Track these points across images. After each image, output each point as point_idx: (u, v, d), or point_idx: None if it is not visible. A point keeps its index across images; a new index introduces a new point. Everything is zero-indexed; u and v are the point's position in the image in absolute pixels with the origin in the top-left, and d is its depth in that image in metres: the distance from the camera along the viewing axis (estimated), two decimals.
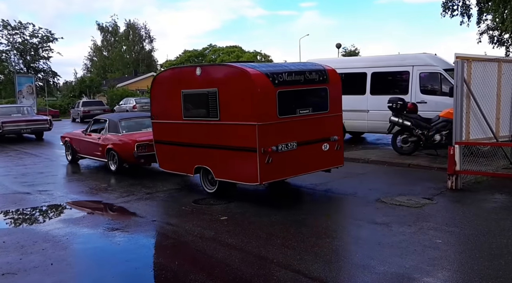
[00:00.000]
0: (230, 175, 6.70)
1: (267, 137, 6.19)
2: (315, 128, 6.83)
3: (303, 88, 6.70)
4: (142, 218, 6.10)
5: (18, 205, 7.19)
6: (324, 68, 7.20)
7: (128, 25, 55.72)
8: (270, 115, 6.25)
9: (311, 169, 6.97)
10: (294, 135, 6.50)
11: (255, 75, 6.19)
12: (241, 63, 6.85)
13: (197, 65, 7.36)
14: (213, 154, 6.80)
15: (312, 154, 6.78)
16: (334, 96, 7.11)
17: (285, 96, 6.37)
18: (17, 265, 4.44)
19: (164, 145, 7.82)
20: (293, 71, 6.62)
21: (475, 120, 7.41)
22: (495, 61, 7.92)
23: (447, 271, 4.00)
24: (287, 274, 4.04)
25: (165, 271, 4.25)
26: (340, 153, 7.23)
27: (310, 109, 6.77)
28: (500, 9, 14.25)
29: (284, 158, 6.38)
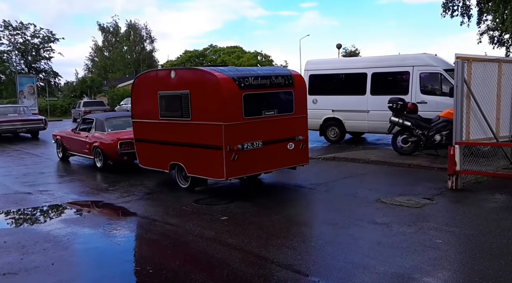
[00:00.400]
0: (201, 171, 7.17)
1: (233, 136, 6.67)
2: (281, 128, 7.31)
3: (269, 92, 7.23)
4: (142, 218, 6.12)
5: (19, 205, 7.20)
6: (291, 73, 7.79)
7: (129, 26, 55.79)
8: (236, 116, 6.73)
9: (277, 166, 7.50)
10: (259, 135, 6.99)
11: (222, 79, 6.68)
12: (210, 68, 7.35)
13: (171, 69, 7.98)
14: (186, 151, 7.29)
15: (278, 152, 7.26)
16: (299, 99, 7.64)
17: (250, 98, 6.89)
18: (18, 265, 4.45)
19: (143, 143, 8.31)
20: (260, 75, 7.14)
21: (475, 120, 7.42)
22: (495, 61, 7.93)
23: (447, 271, 4.01)
24: (287, 274, 4.04)
25: (166, 271, 4.26)
26: (305, 151, 7.71)
27: (275, 111, 7.28)
28: (500, 10, 14.24)
29: (250, 155, 6.87)
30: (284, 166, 7.58)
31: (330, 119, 12.52)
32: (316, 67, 12.86)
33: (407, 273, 3.95)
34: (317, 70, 12.79)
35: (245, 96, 6.81)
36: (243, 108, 6.79)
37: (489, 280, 3.78)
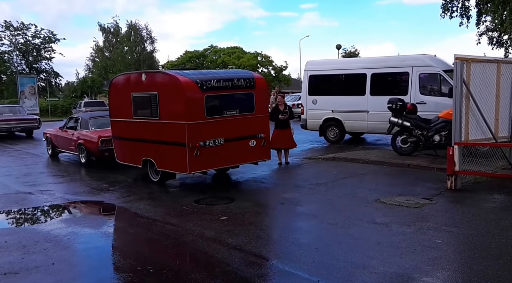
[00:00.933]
0: (168, 166, 7.85)
1: (195, 134, 7.30)
2: (242, 127, 7.92)
3: (230, 93, 7.85)
4: (143, 218, 6.13)
5: (20, 204, 7.22)
6: (253, 76, 8.44)
7: (130, 26, 55.72)
8: (198, 116, 7.35)
9: (239, 162, 8.16)
10: (221, 133, 7.60)
11: (185, 82, 7.33)
12: (176, 71, 8.00)
13: (143, 72, 8.65)
14: (155, 148, 7.97)
15: (240, 148, 7.87)
16: (260, 100, 8.26)
17: (212, 99, 7.56)
18: (19, 264, 4.46)
19: (119, 140, 9.03)
20: (222, 78, 7.78)
21: (474, 121, 7.44)
22: (494, 62, 7.95)
23: (446, 271, 4.03)
24: (287, 274, 4.06)
25: (166, 270, 4.27)
26: (266, 148, 8.35)
27: (237, 110, 7.89)
28: (499, 11, 14.27)
29: (212, 151, 7.48)
30: (246, 161, 8.24)
31: (329, 120, 12.55)
32: (316, 68, 12.88)
33: (406, 273, 3.97)
34: (317, 71, 12.82)
35: (207, 98, 7.44)
36: (205, 109, 7.42)
37: (488, 280, 3.80)
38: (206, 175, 8.76)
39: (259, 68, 33.25)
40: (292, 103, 20.47)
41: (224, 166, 8.10)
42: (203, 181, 8.50)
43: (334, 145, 12.41)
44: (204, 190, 7.61)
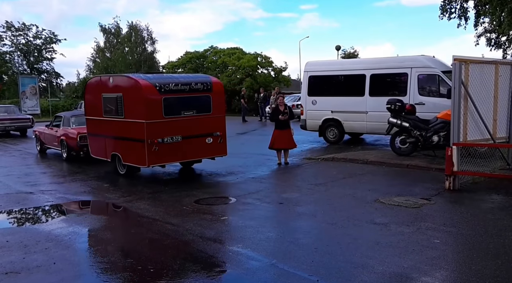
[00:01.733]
0: (132, 160, 8.69)
1: (154, 132, 8.13)
2: (199, 126, 8.72)
3: (188, 96, 8.61)
4: (143, 217, 6.15)
5: (21, 204, 7.24)
6: (210, 80, 9.27)
7: (131, 27, 55.72)
8: (157, 115, 8.18)
9: (196, 157, 9.02)
10: (179, 131, 8.42)
11: (145, 85, 8.17)
12: (138, 75, 8.96)
13: (111, 75, 9.54)
14: (121, 143, 8.91)
15: (197, 145, 8.70)
16: (217, 102, 9.07)
17: (170, 101, 8.32)
18: (20, 264, 4.47)
19: (93, 137, 9.98)
20: (180, 82, 8.58)
21: (473, 121, 7.49)
22: (492, 63, 7.99)
23: (445, 271, 4.06)
24: (287, 273, 4.07)
25: (167, 270, 4.29)
26: (223, 145, 9.13)
27: (194, 111, 8.69)
28: (497, 12, 14.32)
29: (170, 147, 8.33)
30: (203, 157, 9.10)
31: (329, 120, 12.59)
32: (315, 69, 12.92)
33: (405, 273, 4.01)
34: (316, 72, 12.86)
35: (164, 100, 8.25)
36: (163, 109, 8.22)
37: (486, 279, 3.83)
38: (208, 173, 8.79)
39: (259, 69, 33.14)
40: (291, 104, 20.52)
41: (182, 160, 8.98)
42: (203, 182, 8.53)
43: (333, 145, 12.45)
44: (204, 190, 7.64)
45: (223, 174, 9.09)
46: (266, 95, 24.15)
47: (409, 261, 4.25)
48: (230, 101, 32.55)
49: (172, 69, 36.91)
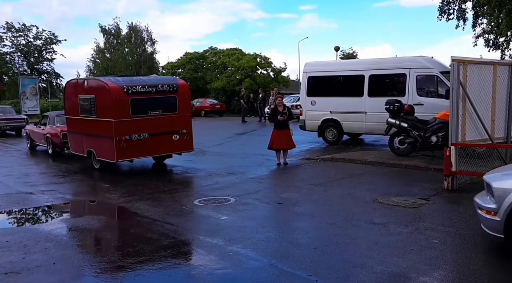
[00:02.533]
0: (104, 155, 9.48)
1: (122, 129, 8.93)
2: (166, 124, 9.45)
3: (154, 97, 9.40)
4: (143, 217, 6.16)
5: (21, 204, 7.25)
6: (177, 82, 10.11)
7: (131, 28, 55.70)
8: (124, 114, 8.97)
9: (163, 152, 9.78)
10: (146, 129, 9.21)
11: (113, 87, 9.03)
12: (109, 78, 9.78)
13: (85, 78, 10.91)
14: (94, 140, 9.72)
15: (164, 142, 9.46)
16: (182, 102, 9.87)
17: (136, 102, 9.12)
18: (20, 264, 4.48)
19: (71, 134, 10.89)
20: (147, 84, 9.44)
21: (471, 122, 7.52)
22: (491, 64, 8.03)
23: (443, 271, 4.08)
24: (285, 273, 4.09)
25: (167, 269, 4.31)
26: (189, 141, 9.89)
27: (160, 111, 9.47)
28: (496, 13, 14.35)
29: (137, 144, 9.15)
30: (170, 152, 9.88)
31: (328, 121, 12.61)
32: (314, 69, 12.95)
33: (404, 273, 4.03)
34: (315, 72, 12.89)
35: (131, 100, 9.05)
36: (130, 109, 9.02)
37: (484, 279, 3.86)
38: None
39: (258, 69, 33.15)
40: (291, 104, 20.55)
41: (149, 155, 9.85)
42: (202, 182, 8.54)
43: (332, 145, 12.47)
44: (203, 190, 7.65)
45: (223, 174, 9.10)
46: (265, 96, 24.17)
47: (408, 261, 4.27)
48: (229, 101, 32.61)
49: (172, 70, 36.94)
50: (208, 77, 34.61)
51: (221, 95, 33.11)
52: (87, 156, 10.16)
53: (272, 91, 23.85)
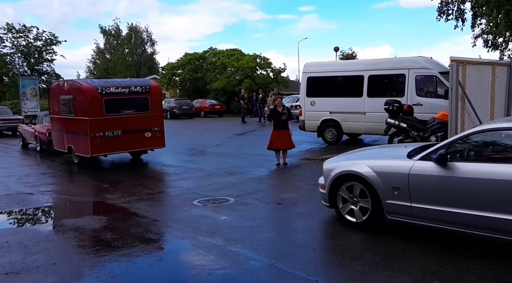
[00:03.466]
0: (80, 151, 10.44)
1: (96, 127, 9.86)
2: (138, 122, 10.42)
3: (127, 97, 10.32)
4: (143, 218, 6.18)
5: (22, 205, 7.28)
6: (149, 83, 11.10)
7: (130, 29, 55.86)
8: (98, 113, 9.89)
9: (136, 148, 10.72)
10: (119, 126, 10.11)
11: (87, 88, 10.01)
12: (86, 80, 11.50)
13: (65, 81, 11.76)
14: (73, 137, 10.72)
15: (137, 138, 10.42)
16: (154, 102, 10.85)
17: (110, 102, 10.04)
18: (20, 264, 4.49)
19: (55, 132, 11.86)
20: (121, 85, 10.41)
21: (470, 122, 7.54)
22: (489, 64, 8.06)
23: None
24: (287, 273, 4.10)
25: (166, 270, 4.33)
26: (161, 138, 10.83)
27: (133, 110, 10.41)
28: (494, 14, 14.40)
29: (111, 140, 10.04)
30: (143, 148, 10.83)
31: (327, 121, 12.63)
32: (314, 70, 12.97)
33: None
34: (315, 73, 12.91)
35: (105, 100, 9.96)
36: (104, 108, 9.92)
37: (484, 278, 3.88)
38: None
39: (257, 70, 33.19)
40: (290, 104, 20.58)
41: (123, 151, 10.69)
42: (202, 182, 8.56)
43: (331, 145, 12.49)
44: (203, 190, 7.67)
45: (222, 174, 9.12)
46: (265, 96, 24.20)
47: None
48: (229, 102, 32.63)
49: (172, 71, 36.97)
50: (207, 78, 34.64)
51: (221, 96, 33.14)
52: (67, 151, 11.07)
53: (271, 92, 23.88)
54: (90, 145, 9.85)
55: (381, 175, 4.85)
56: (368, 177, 4.92)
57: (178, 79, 37.37)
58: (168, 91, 39.97)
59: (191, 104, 30.28)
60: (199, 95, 34.62)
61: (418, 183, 4.58)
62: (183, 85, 37.81)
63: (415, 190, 4.60)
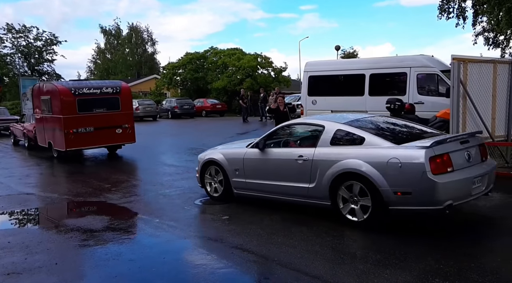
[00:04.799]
0: (58, 146, 11.79)
1: (70, 124, 11.23)
2: (110, 120, 11.70)
3: (99, 97, 11.64)
4: (144, 217, 6.19)
5: (23, 205, 7.30)
6: (120, 85, 12.44)
7: (131, 28, 55.92)
8: (72, 112, 11.28)
9: (108, 143, 12.03)
10: (91, 123, 11.46)
11: (62, 89, 11.45)
12: (60, 82, 13.41)
13: (44, 83, 13.20)
14: (52, 133, 12.04)
15: (108, 134, 11.69)
16: (125, 102, 12.18)
17: (83, 101, 11.42)
18: (22, 264, 4.50)
19: (38, 129, 13.08)
20: (93, 86, 11.81)
21: (471, 120, 7.53)
22: (491, 62, 8.03)
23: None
24: (288, 272, 4.10)
25: (168, 269, 4.33)
26: (131, 134, 12.13)
27: (104, 109, 11.69)
28: (495, 11, 14.36)
29: (84, 136, 11.40)
30: (114, 143, 12.08)
31: None
32: (315, 69, 12.95)
33: None
34: (316, 72, 12.89)
35: (78, 100, 11.33)
36: (77, 107, 11.28)
37: (486, 276, 3.87)
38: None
39: (259, 69, 33.18)
40: (292, 104, 20.56)
41: (95, 146, 11.95)
42: None
43: None
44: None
45: None
46: (266, 96, 24.19)
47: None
48: (230, 101, 32.63)
49: (173, 70, 36.99)
50: (209, 77, 34.64)
51: (222, 95, 33.13)
52: (48, 146, 12.35)
53: (272, 91, 23.86)
54: (65, 140, 11.17)
55: (228, 160, 6.52)
56: (220, 161, 6.57)
57: (179, 79, 37.38)
58: (169, 91, 39.99)
59: (192, 104, 30.29)
60: (200, 95, 34.62)
61: (248, 164, 6.24)
62: (184, 85, 37.82)
63: (247, 170, 6.26)
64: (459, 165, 4.89)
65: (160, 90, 38.98)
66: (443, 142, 4.87)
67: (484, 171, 5.18)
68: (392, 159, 4.79)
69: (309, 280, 3.91)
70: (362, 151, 5.07)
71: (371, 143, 5.11)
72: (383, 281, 3.77)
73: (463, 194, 4.86)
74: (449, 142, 4.95)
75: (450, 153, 4.82)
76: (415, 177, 4.63)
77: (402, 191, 4.73)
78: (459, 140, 5.07)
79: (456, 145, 4.99)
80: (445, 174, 4.70)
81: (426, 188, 4.61)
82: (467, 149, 5.07)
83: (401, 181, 4.73)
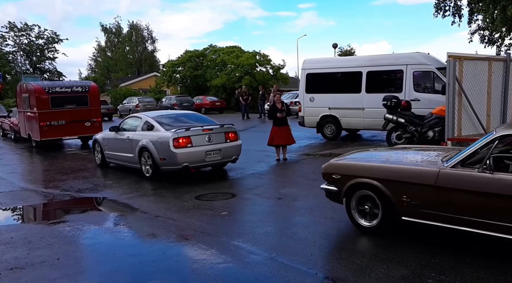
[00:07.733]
0: (34, 136, 13.76)
1: (44, 118, 13.27)
2: (79, 115, 13.79)
3: (70, 95, 13.77)
4: (145, 213, 6.26)
5: (26, 201, 7.36)
6: (89, 84, 14.77)
7: (131, 26, 55.77)
8: (46, 107, 13.34)
9: (78, 134, 14.06)
10: (63, 117, 13.55)
11: (37, 88, 13.56)
12: (37, 82, 15.42)
13: (23, 83, 15.26)
14: (30, 126, 14.11)
15: (78, 127, 13.72)
16: (93, 99, 14.32)
17: (55, 99, 13.48)
18: (24, 260, 4.55)
19: (21, 123, 15.20)
20: (65, 86, 14.14)
21: (467, 117, 7.61)
22: (486, 60, 8.11)
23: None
24: (285, 268, 4.16)
25: (168, 264, 4.38)
26: (99, 127, 13.75)
27: (75, 105, 13.82)
28: (491, 10, 14.43)
29: (56, 128, 13.46)
30: (83, 134, 13.98)
31: (326, 117, 12.69)
32: (313, 66, 13.01)
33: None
34: (314, 69, 12.95)
35: (51, 98, 13.40)
36: (50, 104, 13.37)
37: (479, 270, 3.96)
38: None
39: (257, 67, 33.15)
40: (290, 101, 20.61)
41: (67, 137, 14.09)
42: (203, 178, 8.64)
43: (331, 141, 12.56)
44: (204, 186, 7.74)
45: (223, 170, 9.20)
46: (265, 93, 24.22)
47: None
48: (229, 99, 32.63)
49: (172, 68, 36.96)
50: (208, 75, 34.61)
51: (221, 93, 33.12)
52: (28, 137, 14.39)
53: (271, 88, 23.89)
54: (39, 131, 13.18)
55: (103, 139, 9.74)
56: (99, 140, 10.06)
57: (179, 77, 37.34)
58: (169, 88, 39.96)
59: (191, 101, 30.29)
60: (200, 92, 34.60)
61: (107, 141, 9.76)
62: (184, 82, 37.78)
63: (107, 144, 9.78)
64: (198, 143, 7.93)
65: (160, 87, 38.94)
66: (187, 130, 7.88)
67: (218, 147, 8.14)
68: (159, 139, 7.96)
69: (308, 275, 3.97)
70: (151, 133, 8.28)
71: (156, 129, 8.26)
72: (380, 276, 3.85)
73: (197, 160, 7.96)
74: (192, 130, 7.92)
75: (191, 136, 7.85)
76: (166, 149, 7.77)
77: (162, 157, 7.92)
78: (202, 129, 8.05)
79: (199, 131, 8.00)
80: (184, 147, 7.78)
81: (171, 156, 7.77)
82: (209, 134, 8.06)
83: (162, 151, 7.89)
